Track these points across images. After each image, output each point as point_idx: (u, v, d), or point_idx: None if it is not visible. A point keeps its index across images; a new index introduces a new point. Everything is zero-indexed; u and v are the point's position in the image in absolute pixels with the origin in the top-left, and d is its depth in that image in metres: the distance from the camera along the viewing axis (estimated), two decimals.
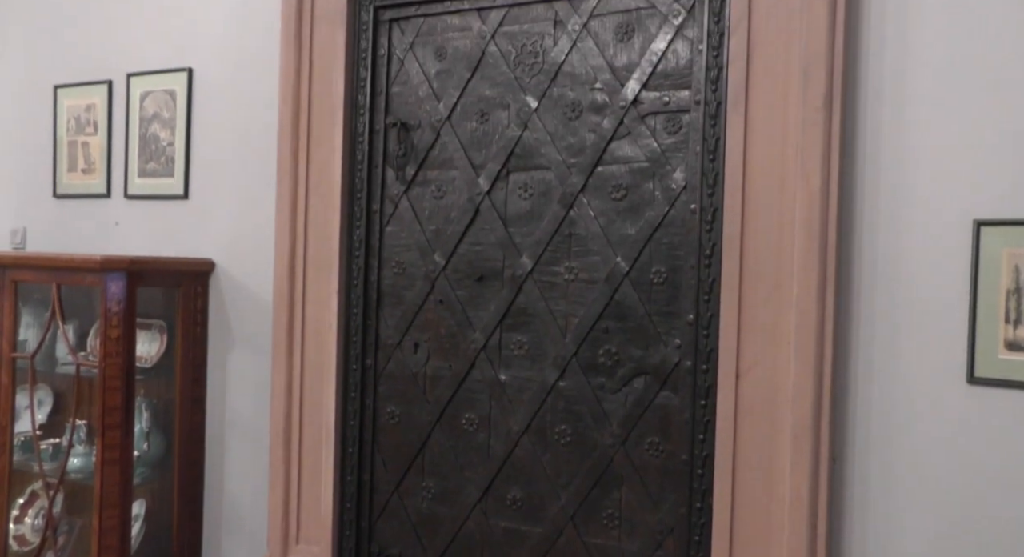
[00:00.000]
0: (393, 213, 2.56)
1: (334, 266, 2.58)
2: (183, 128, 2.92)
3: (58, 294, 2.78)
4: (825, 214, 1.89)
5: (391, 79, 2.57)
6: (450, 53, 2.49)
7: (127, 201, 3.08)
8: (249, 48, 2.79)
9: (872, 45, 1.92)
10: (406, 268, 2.55)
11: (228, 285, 2.86)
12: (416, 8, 2.54)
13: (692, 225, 2.12)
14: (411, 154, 2.53)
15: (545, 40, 2.35)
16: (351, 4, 2.58)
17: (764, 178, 1.98)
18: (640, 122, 2.21)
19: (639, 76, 2.21)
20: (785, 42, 1.96)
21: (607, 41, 2.27)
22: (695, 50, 2.14)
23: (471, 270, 2.44)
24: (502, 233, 2.39)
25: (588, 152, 2.27)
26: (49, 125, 3.27)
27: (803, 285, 1.91)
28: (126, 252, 3.01)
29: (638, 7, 2.23)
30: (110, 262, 2.64)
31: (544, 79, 2.34)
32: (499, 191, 2.40)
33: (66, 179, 3.22)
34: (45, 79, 3.28)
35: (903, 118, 1.89)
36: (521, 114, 2.37)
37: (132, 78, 3.04)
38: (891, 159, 1.90)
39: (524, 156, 2.36)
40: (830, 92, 1.89)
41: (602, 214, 2.25)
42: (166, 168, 2.96)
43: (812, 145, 1.90)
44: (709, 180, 2.08)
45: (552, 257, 2.32)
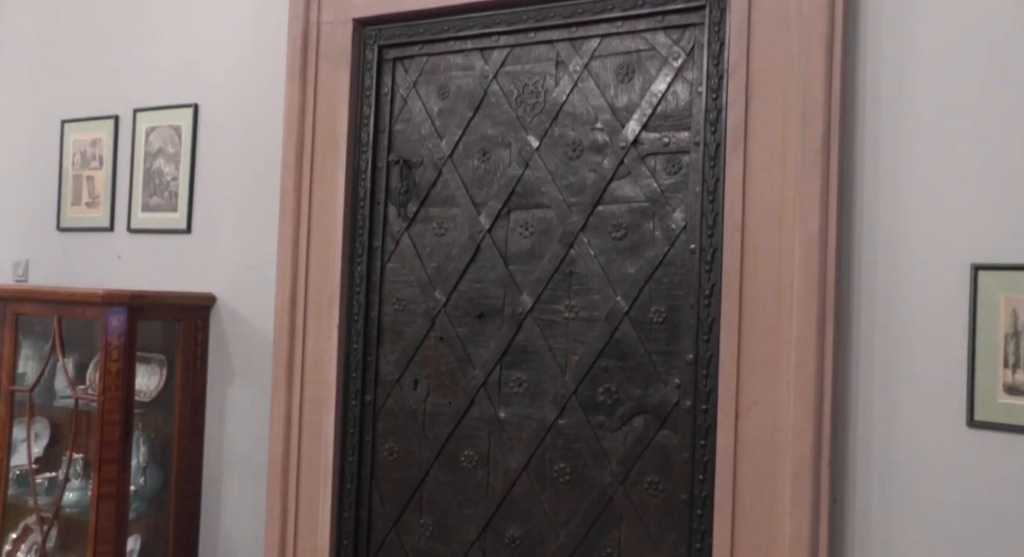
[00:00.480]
0: (394, 250, 2.58)
1: (335, 301, 2.59)
2: (187, 163, 2.94)
3: (59, 327, 2.78)
4: (824, 255, 1.90)
5: (394, 117, 2.60)
6: (453, 92, 2.52)
7: (130, 235, 3.10)
8: (255, 85, 2.83)
9: (868, 90, 1.95)
10: (407, 304, 2.55)
11: (229, 319, 2.87)
12: (420, 47, 2.57)
13: (692, 265, 2.13)
14: (413, 191, 2.55)
15: (547, 80, 2.39)
16: (356, 43, 2.62)
17: (763, 219, 1.99)
18: (640, 162, 2.23)
19: (639, 117, 2.24)
20: (783, 86, 1.99)
21: (608, 82, 2.30)
22: (695, 92, 2.17)
23: (471, 307, 2.45)
24: (503, 271, 2.40)
25: (589, 191, 2.29)
26: (55, 159, 3.30)
27: (802, 325, 1.92)
28: (128, 285, 3.02)
29: (638, 49, 2.27)
30: (112, 296, 2.65)
31: (545, 118, 2.37)
32: (500, 229, 2.41)
33: (70, 212, 3.24)
34: (53, 114, 3.32)
35: (900, 162, 1.91)
36: (523, 153, 2.39)
37: (139, 113, 3.07)
38: (889, 202, 1.91)
39: (525, 194, 2.38)
40: (828, 135, 1.92)
41: (602, 253, 2.27)
42: (169, 202, 2.98)
43: (810, 187, 1.92)
44: (709, 220, 2.10)
45: (552, 295, 2.33)
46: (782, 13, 2.00)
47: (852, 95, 1.96)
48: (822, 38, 1.93)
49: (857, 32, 1.97)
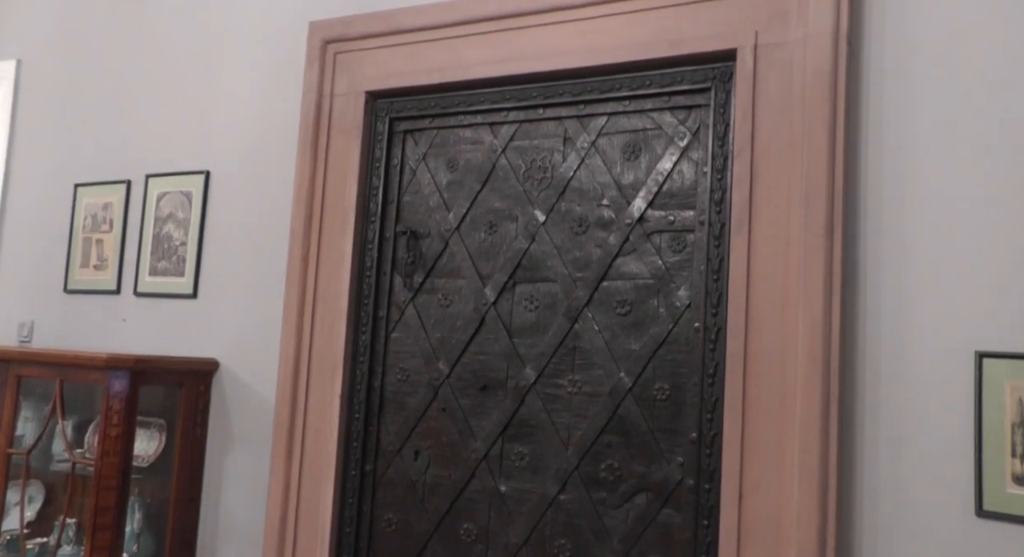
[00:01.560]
0: (399, 320, 2.59)
1: (338, 370, 2.59)
2: (197, 229, 2.97)
3: (60, 390, 2.77)
4: (828, 338, 1.91)
5: (403, 188, 2.64)
6: (462, 165, 2.56)
7: (136, 298, 3.11)
8: (266, 153, 2.87)
9: (871, 175, 1.98)
10: (410, 375, 2.55)
11: (231, 385, 2.86)
12: (430, 120, 2.62)
13: (696, 343, 2.13)
14: (419, 262, 2.57)
15: (554, 156, 2.42)
16: (368, 115, 2.67)
17: (767, 300, 2.00)
18: (646, 239, 2.25)
19: (645, 194, 2.27)
20: (787, 169, 2.02)
21: (615, 159, 2.34)
22: (700, 172, 2.20)
23: (475, 379, 2.44)
24: (507, 343, 2.40)
25: (594, 267, 2.31)
26: (67, 222, 3.34)
27: (806, 408, 1.91)
28: (132, 349, 3.03)
29: (645, 128, 2.31)
30: (115, 360, 2.65)
31: (552, 193, 2.40)
32: (505, 302, 2.43)
33: (78, 275, 3.26)
34: (67, 177, 3.37)
35: (903, 247, 1.92)
36: (529, 227, 2.42)
37: (151, 179, 3.11)
38: (892, 287, 1.92)
39: (531, 268, 2.40)
40: (831, 220, 1.94)
41: (607, 328, 2.27)
42: (177, 267, 3.01)
43: (814, 271, 1.93)
44: (713, 299, 2.11)
45: (556, 369, 2.33)
46: (785, 98, 2.05)
47: (855, 180, 1.99)
48: (825, 124, 1.97)
49: (859, 118, 2.00)
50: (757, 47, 2.11)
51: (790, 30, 2.07)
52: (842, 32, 2.00)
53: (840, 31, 2.00)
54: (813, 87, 2.01)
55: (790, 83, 2.05)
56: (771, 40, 2.10)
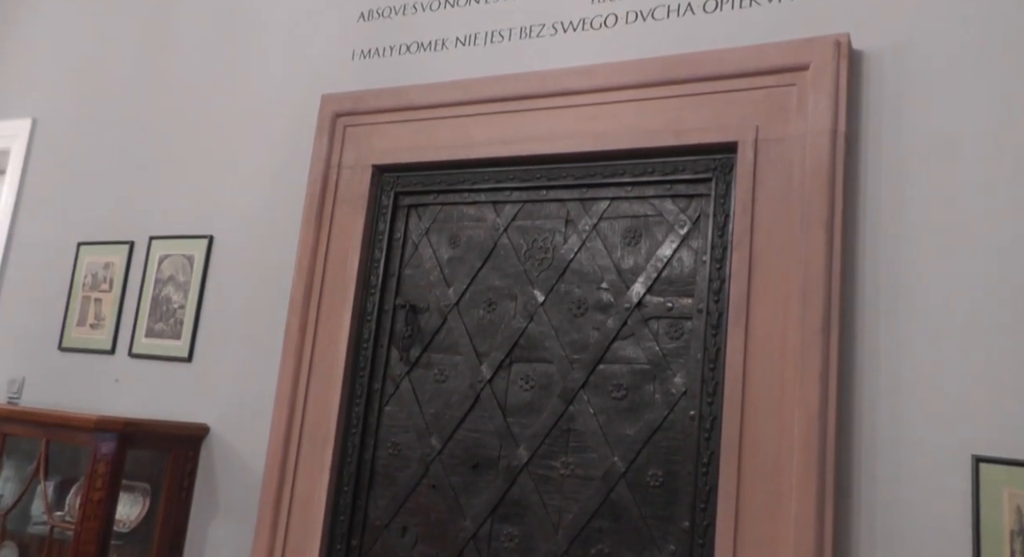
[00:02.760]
0: (394, 393, 2.58)
1: (329, 442, 2.57)
2: (196, 293, 2.98)
3: (46, 451, 2.74)
4: (823, 435, 1.90)
5: (404, 262, 2.66)
6: (464, 241, 2.59)
7: (130, 359, 3.10)
8: (271, 221, 2.90)
9: (868, 274, 2.00)
10: (401, 449, 2.54)
11: (220, 451, 2.83)
12: (435, 196, 2.66)
13: (691, 431, 2.13)
14: (417, 336, 2.58)
15: (556, 237, 2.46)
16: (373, 189, 2.71)
17: (764, 392, 2.01)
18: (643, 324, 2.27)
19: (644, 280, 2.29)
20: (785, 263, 2.05)
21: (615, 243, 2.37)
22: (699, 260, 2.23)
23: (467, 457, 2.43)
24: (500, 422, 2.40)
25: (591, 349, 2.32)
26: (67, 279, 3.34)
27: (802, 504, 1.89)
28: (123, 410, 3.00)
29: (646, 214, 2.35)
30: (104, 422, 2.62)
31: (552, 274, 2.42)
32: (501, 380, 2.43)
33: (74, 333, 3.26)
34: (71, 235, 3.39)
35: (900, 347, 1.94)
36: (528, 306, 2.43)
37: (154, 241, 3.14)
38: (889, 386, 1.93)
39: (528, 348, 2.41)
40: (828, 317, 1.96)
41: (602, 412, 2.27)
42: (173, 329, 3.01)
43: (810, 367, 1.94)
44: (709, 388, 2.11)
45: (549, 450, 2.32)
46: (785, 192, 2.09)
47: (852, 277, 2.01)
48: (822, 220, 2.01)
49: (856, 216, 2.04)
50: (758, 141, 2.16)
51: (790, 126, 2.13)
52: (840, 131, 2.06)
53: (838, 130, 2.06)
54: (812, 183, 2.05)
55: (789, 178, 2.10)
56: (771, 135, 2.15)
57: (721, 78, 2.23)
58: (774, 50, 2.19)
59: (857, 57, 2.12)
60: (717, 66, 2.24)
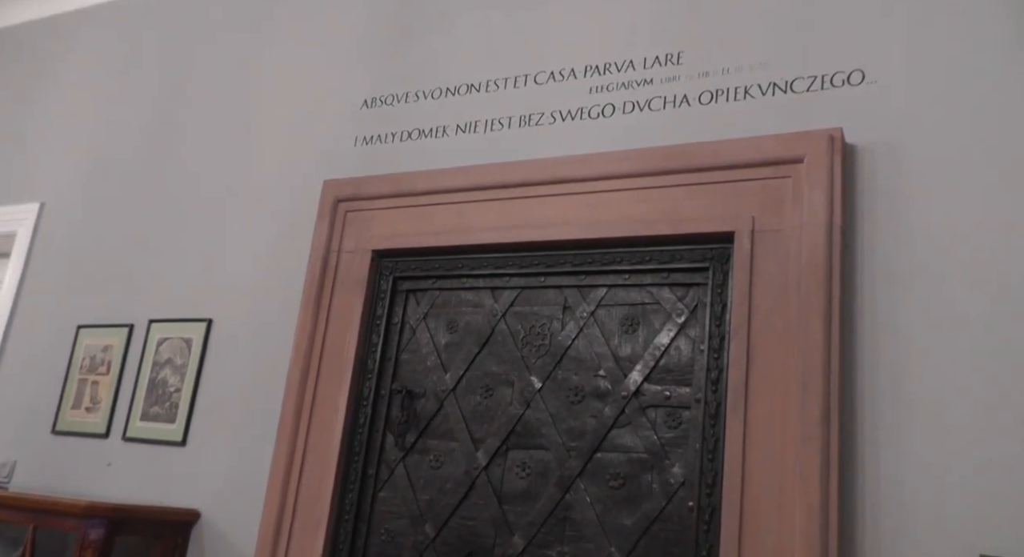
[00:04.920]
0: (388, 479, 2.55)
1: (321, 528, 2.53)
2: (193, 375, 2.97)
3: (33, 537, 2.68)
4: (825, 529, 1.86)
5: (402, 346, 2.66)
6: (461, 327, 2.59)
7: (124, 443, 3.07)
8: (270, 305, 2.91)
9: (867, 365, 1.99)
10: (395, 537, 2.49)
11: (211, 537, 2.78)
12: (433, 282, 2.68)
13: (689, 522, 2.09)
14: (413, 421, 2.56)
15: (553, 323, 2.46)
16: (372, 273, 2.73)
17: (764, 484, 1.98)
18: (641, 413, 2.25)
19: (642, 368, 2.29)
20: (783, 353, 2.04)
21: (613, 331, 2.37)
22: (697, 349, 2.23)
23: (461, 545, 2.38)
24: (496, 510, 2.36)
25: (588, 437, 2.30)
26: (64, 362, 3.34)
27: None
28: (114, 494, 2.95)
29: (643, 302, 2.35)
30: (93, 508, 2.57)
31: (550, 361, 2.42)
32: (496, 467, 2.40)
33: (68, 416, 3.23)
34: (71, 318, 3.40)
35: (902, 443, 1.91)
36: (525, 393, 2.42)
37: (153, 324, 3.14)
38: (891, 480, 1.89)
39: (524, 434, 2.39)
40: (827, 408, 1.94)
41: (599, 501, 2.24)
42: (168, 413, 2.98)
43: (810, 459, 1.92)
44: (708, 479, 2.09)
45: (545, 539, 2.28)
46: (782, 283, 2.10)
47: (851, 368, 2.00)
48: (820, 312, 2.01)
49: (854, 307, 2.05)
50: (754, 232, 2.18)
51: (786, 218, 2.16)
52: (835, 223, 2.08)
53: (834, 222, 2.08)
54: (808, 274, 2.06)
55: (786, 268, 2.11)
56: (767, 226, 2.17)
57: (717, 169, 2.27)
58: (769, 142, 2.23)
59: (851, 151, 2.16)
60: (713, 157, 2.28)
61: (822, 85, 2.26)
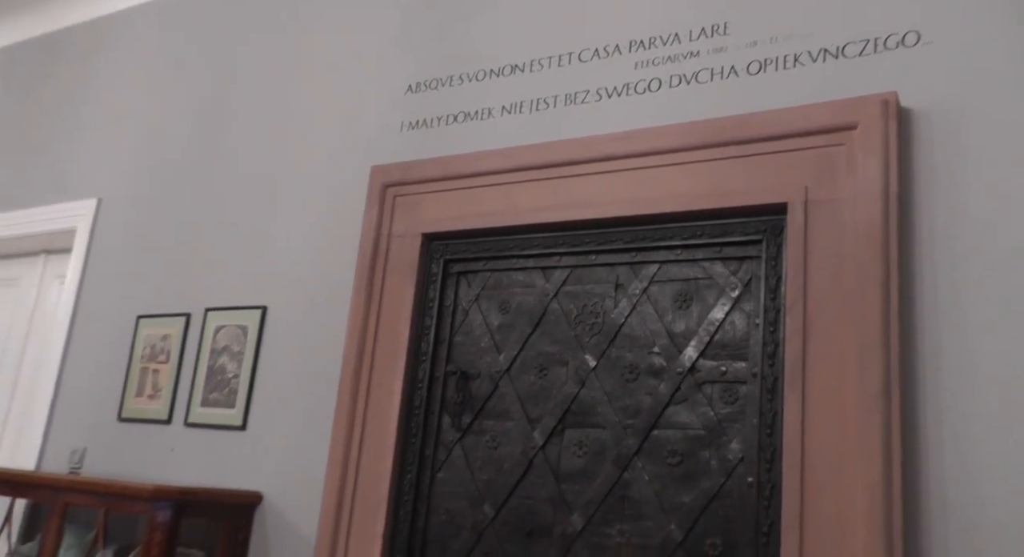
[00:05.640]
0: (446, 460, 2.57)
1: (382, 509, 2.56)
2: (250, 362, 3.03)
3: (104, 520, 2.77)
4: (888, 504, 1.83)
5: (455, 329, 2.67)
6: (514, 307, 2.59)
7: (186, 429, 3.15)
8: (322, 291, 2.95)
9: (928, 336, 1.95)
10: (454, 516, 2.51)
11: (273, 518, 2.84)
12: (484, 263, 2.68)
13: (749, 499, 2.08)
14: (468, 403, 2.58)
15: (606, 302, 2.45)
16: (423, 257, 2.74)
17: (823, 459, 1.95)
18: (697, 389, 2.24)
19: (697, 344, 2.27)
20: (840, 326, 2.00)
21: (666, 307, 2.35)
22: (752, 323, 2.20)
23: (520, 524, 2.40)
24: (554, 489, 2.37)
25: (644, 415, 2.29)
26: (126, 352, 3.43)
27: None
28: (179, 478, 3.04)
29: (696, 277, 2.33)
30: (160, 492, 2.65)
31: (603, 339, 2.41)
32: (553, 446, 2.40)
33: (132, 403, 3.32)
34: (131, 309, 3.49)
35: (966, 414, 1.86)
36: (579, 372, 2.42)
37: (210, 312, 3.21)
38: (956, 452, 1.85)
39: (580, 413, 2.39)
40: (887, 380, 1.90)
41: (657, 479, 2.23)
42: (228, 399, 3.05)
43: (871, 433, 1.88)
44: (767, 455, 2.06)
45: (604, 518, 2.28)
46: (837, 254, 2.06)
47: (911, 339, 1.96)
48: (877, 283, 1.97)
49: (913, 277, 1.99)
50: (808, 203, 2.14)
51: (840, 187, 2.11)
52: (891, 192, 2.03)
53: (889, 190, 2.03)
54: (865, 244, 2.01)
55: (841, 239, 2.07)
56: (821, 196, 2.13)
57: (768, 140, 2.23)
58: (821, 110, 2.18)
59: (907, 115, 2.11)
60: (763, 128, 2.24)
61: (875, 48, 2.20)
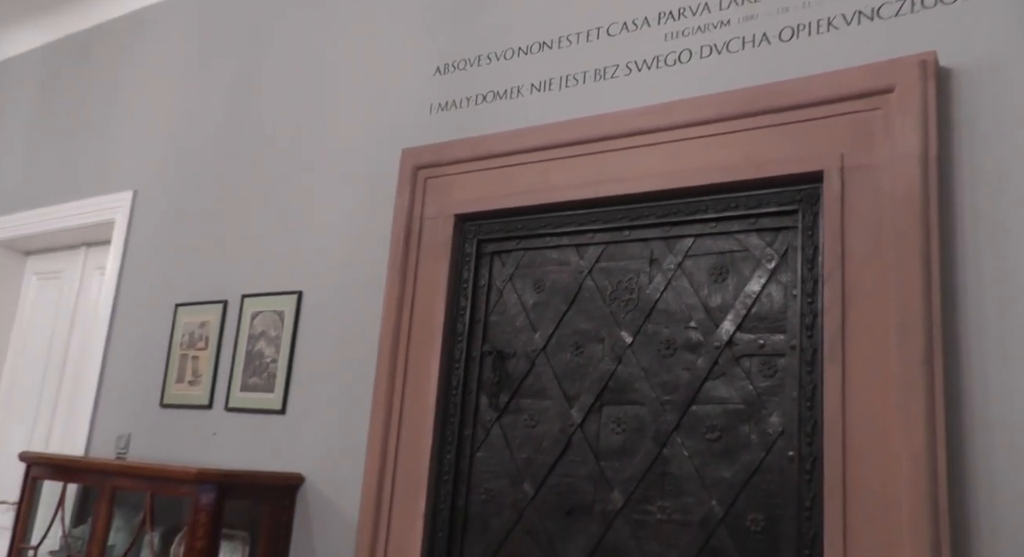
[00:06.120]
0: (484, 439, 2.58)
1: (422, 489, 2.57)
2: (287, 346, 3.06)
3: (151, 503, 2.82)
4: (933, 477, 1.79)
5: (490, 309, 2.67)
6: (548, 286, 2.58)
7: (227, 413, 3.19)
8: (356, 275, 2.96)
9: (971, 304, 1.90)
10: (494, 495, 2.52)
11: (315, 499, 2.87)
12: (517, 242, 2.67)
13: (790, 473, 2.05)
14: (505, 382, 2.58)
15: (641, 277, 2.43)
16: (456, 237, 2.73)
17: (865, 431, 1.92)
18: (735, 363, 2.21)
19: (734, 317, 2.24)
20: (880, 294, 1.96)
21: (701, 281, 2.32)
22: (789, 295, 2.17)
23: (560, 502, 2.40)
24: (593, 466, 2.36)
25: (682, 390, 2.27)
26: (166, 339, 3.49)
27: (915, 550, 1.78)
28: (221, 462, 3.08)
29: (732, 250, 2.30)
30: (204, 475, 2.69)
31: (639, 315, 2.39)
32: (592, 424, 2.40)
33: (174, 390, 3.37)
34: (169, 298, 3.54)
35: (1012, 378, 1.82)
36: (616, 348, 2.40)
37: (246, 299, 3.24)
38: (1002, 422, 1.81)
39: (618, 390, 2.38)
40: (930, 349, 1.86)
41: (696, 454, 2.21)
42: (267, 383, 3.08)
43: (914, 404, 1.85)
44: (807, 428, 2.04)
45: (644, 495, 2.27)
46: (875, 222, 2.01)
47: (954, 306, 1.91)
48: (917, 249, 1.92)
49: (955, 243, 1.94)
50: (844, 169, 2.10)
51: (877, 153, 2.06)
52: (931, 155, 1.98)
53: (929, 154, 1.98)
54: (904, 210, 1.97)
55: (879, 206, 2.02)
56: (858, 163, 2.08)
57: (802, 107, 2.18)
58: (856, 74, 2.13)
59: (945, 75, 2.05)
60: (797, 95, 2.20)
61: (912, 7, 2.13)
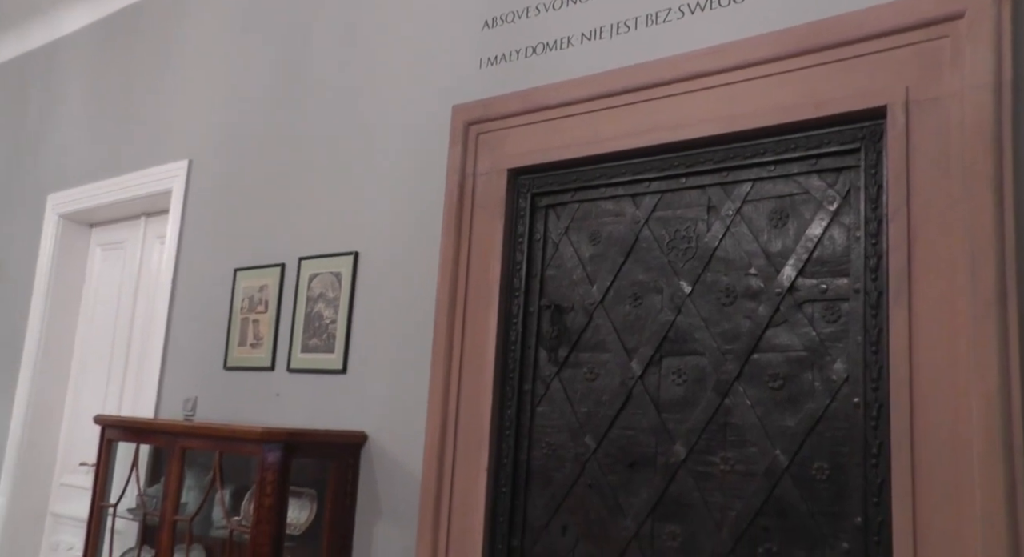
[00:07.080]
0: (544, 394, 2.57)
1: (484, 444, 2.59)
2: (346, 307, 3.08)
3: (220, 461, 2.89)
4: (1007, 417, 1.73)
5: (546, 263, 2.65)
6: (604, 238, 2.55)
7: (289, 374, 3.24)
8: (412, 233, 2.96)
9: None
10: (556, 449, 2.52)
11: (379, 457, 2.90)
12: (572, 195, 2.63)
13: (856, 420, 2.00)
14: (564, 336, 2.56)
15: (698, 225, 2.38)
16: (510, 192, 2.71)
17: (934, 374, 1.86)
18: (797, 309, 2.16)
19: (795, 262, 2.18)
20: (949, 233, 1.89)
21: (761, 227, 2.27)
22: (852, 237, 2.10)
23: (622, 455, 2.38)
24: (655, 419, 2.34)
25: (743, 339, 2.22)
26: (227, 304, 3.54)
27: (987, 494, 1.73)
28: (285, 422, 3.14)
29: (792, 193, 2.23)
30: (269, 434, 2.74)
31: (698, 264, 2.35)
32: (652, 376, 2.37)
33: (236, 352, 3.44)
34: (228, 263, 3.59)
35: None
36: (675, 298, 2.37)
37: (303, 261, 3.26)
38: None
39: (677, 341, 2.34)
40: (1003, 285, 1.79)
41: (759, 403, 2.17)
42: (327, 344, 3.11)
43: (986, 341, 1.78)
44: (872, 373, 1.98)
45: (707, 446, 2.24)
46: (943, 156, 1.93)
47: None
48: (988, 182, 1.84)
49: None
50: (909, 103, 2.01)
51: (944, 84, 1.97)
52: (1005, 82, 1.88)
53: (1002, 81, 1.88)
54: (974, 142, 1.88)
55: (947, 140, 1.93)
56: (924, 95, 1.99)
57: (862, 41, 2.09)
58: (921, 2, 2.02)
59: None
60: (857, 28, 2.10)
61: None
